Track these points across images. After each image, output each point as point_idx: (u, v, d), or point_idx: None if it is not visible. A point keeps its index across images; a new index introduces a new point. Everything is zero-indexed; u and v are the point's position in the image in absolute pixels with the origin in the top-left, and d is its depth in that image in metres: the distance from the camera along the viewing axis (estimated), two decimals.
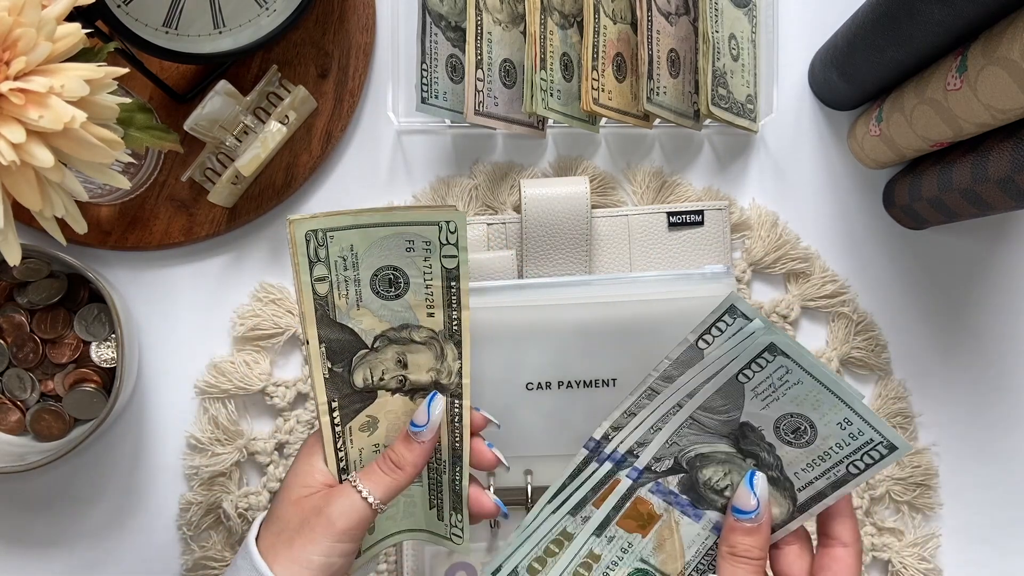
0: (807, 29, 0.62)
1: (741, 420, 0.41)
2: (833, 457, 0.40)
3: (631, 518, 0.44)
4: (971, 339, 0.62)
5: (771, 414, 0.40)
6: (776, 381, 0.40)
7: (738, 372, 0.40)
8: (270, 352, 0.60)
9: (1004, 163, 0.48)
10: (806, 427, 0.40)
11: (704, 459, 0.42)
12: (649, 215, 0.60)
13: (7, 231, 0.42)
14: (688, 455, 0.42)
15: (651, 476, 0.43)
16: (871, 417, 0.39)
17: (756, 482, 0.41)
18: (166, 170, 0.60)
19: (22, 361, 0.58)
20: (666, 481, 0.43)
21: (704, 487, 0.43)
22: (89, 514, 0.60)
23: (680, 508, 0.43)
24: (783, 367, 0.39)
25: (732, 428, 0.41)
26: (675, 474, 0.43)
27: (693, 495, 0.43)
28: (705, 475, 0.43)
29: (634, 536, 0.44)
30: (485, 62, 0.56)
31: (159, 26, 0.53)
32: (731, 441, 0.42)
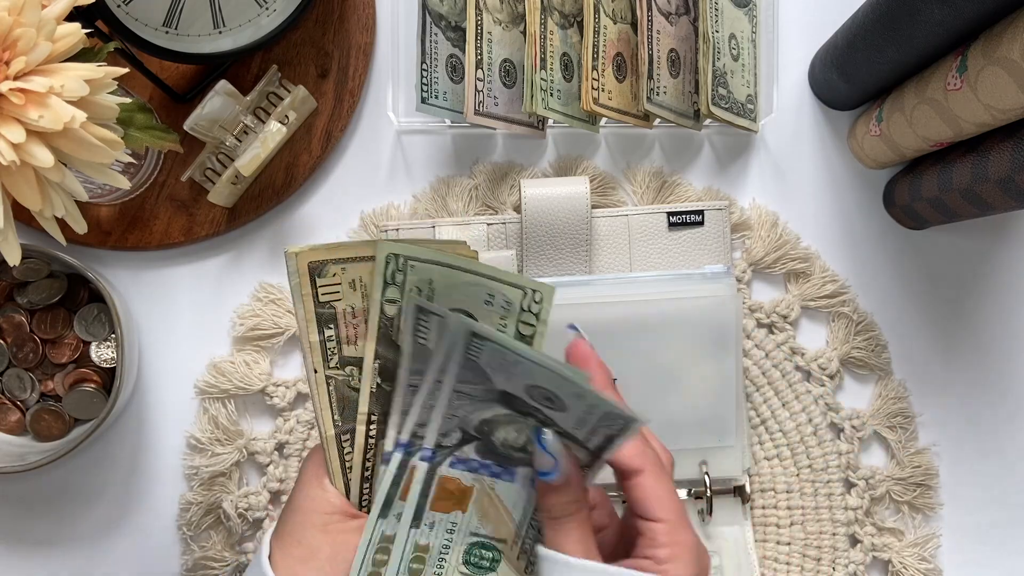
0: (807, 29, 0.62)
1: (498, 389, 0.39)
2: (589, 422, 0.39)
3: (443, 499, 0.42)
4: (971, 339, 0.62)
5: (519, 384, 0.39)
6: (499, 360, 0.38)
7: (464, 353, 0.38)
8: (270, 352, 0.60)
9: (1004, 163, 0.48)
10: (552, 395, 0.38)
11: (489, 423, 0.41)
12: (649, 215, 0.60)
13: (7, 231, 0.42)
14: (473, 423, 0.41)
15: (445, 451, 0.41)
16: (598, 394, 0.37)
17: (545, 439, 0.39)
18: (166, 170, 0.60)
19: (22, 361, 0.58)
20: (463, 452, 0.41)
21: (504, 447, 0.41)
22: (89, 514, 0.60)
23: (489, 472, 0.42)
24: (496, 350, 0.37)
25: (496, 396, 0.40)
26: (469, 443, 0.41)
27: (497, 457, 0.42)
28: (499, 437, 0.41)
29: (454, 514, 0.42)
30: (485, 62, 0.56)
31: (159, 26, 0.53)
32: (503, 405, 0.40)
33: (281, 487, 0.59)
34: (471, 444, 0.42)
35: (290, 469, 0.59)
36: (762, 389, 0.60)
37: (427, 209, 0.61)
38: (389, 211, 0.61)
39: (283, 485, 0.59)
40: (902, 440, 0.61)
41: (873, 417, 0.61)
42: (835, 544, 0.60)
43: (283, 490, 0.59)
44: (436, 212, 0.61)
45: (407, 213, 0.61)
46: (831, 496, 0.60)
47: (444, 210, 0.61)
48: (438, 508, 0.42)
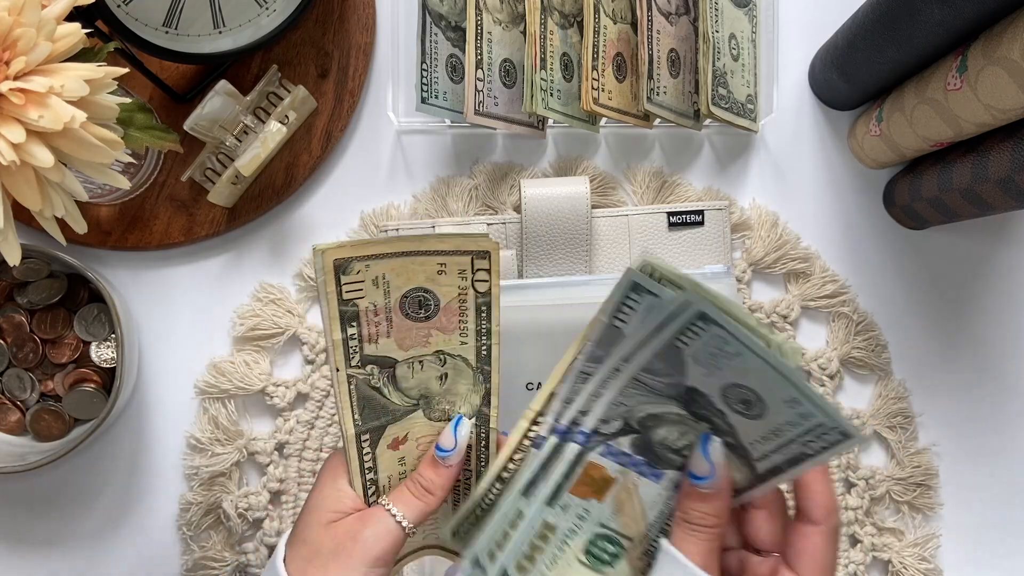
0: (807, 29, 0.62)
1: (687, 384, 0.38)
2: (786, 434, 0.37)
3: (584, 484, 0.41)
4: (971, 339, 0.62)
5: (717, 381, 0.37)
6: (715, 350, 0.36)
7: (672, 338, 0.36)
8: (270, 352, 0.60)
9: (1004, 163, 0.48)
10: (754, 399, 0.37)
11: (656, 419, 0.39)
12: (649, 215, 0.60)
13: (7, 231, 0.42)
14: (638, 415, 0.40)
15: (600, 439, 0.40)
16: (820, 400, 0.35)
17: (710, 447, 0.38)
18: (166, 170, 0.60)
19: (22, 361, 0.58)
20: (617, 443, 0.40)
21: (660, 447, 0.40)
22: (89, 514, 0.60)
23: (637, 469, 0.41)
24: (720, 337, 0.35)
25: (679, 391, 0.38)
26: (626, 435, 0.40)
27: (650, 455, 0.40)
28: (659, 435, 0.40)
29: (590, 502, 0.41)
30: (485, 62, 0.56)
31: (159, 26, 0.53)
32: (681, 404, 0.39)
33: (281, 487, 0.59)
34: (628, 436, 0.40)
35: (290, 469, 0.59)
36: None
37: (427, 209, 0.61)
38: (389, 211, 0.61)
39: (283, 485, 0.59)
40: (902, 440, 0.61)
41: (873, 417, 0.61)
42: None
43: (283, 490, 0.59)
44: (436, 212, 0.61)
45: (407, 213, 0.61)
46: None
47: (444, 210, 0.61)
48: (576, 492, 0.41)
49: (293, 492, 0.59)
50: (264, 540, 0.59)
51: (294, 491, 0.59)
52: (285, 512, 0.59)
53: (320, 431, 0.60)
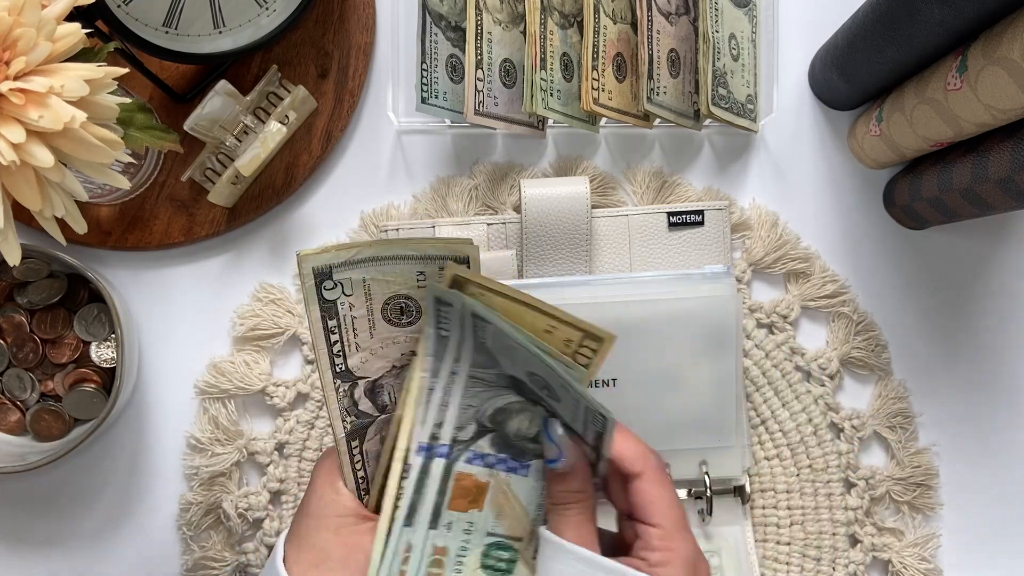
0: (807, 29, 0.62)
1: (507, 373, 0.40)
2: (580, 415, 0.39)
3: (460, 497, 0.41)
4: (971, 339, 0.62)
5: (520, 369, 0.39)
6: (501, 343, 0.38)
7: (473, 334, 0.39)
8: (270, 352, 0.60)
9: (1004, 163, 0.48)
10: (547, 385, 0.39)
11: (503, 412, 0.41)
12: (649, 215, 0.60)
13: (7, 231, 0.42)
14: (487, 413, 0.41)
15: (461, 446, 0.41)
16: (575, 387, 0.37)
17: (551, 429, 0.40)
18: (166, 170, 0.60)
19: (22, 361, 0.58)
20: (478, 446, 0.41)
21: (517, 439, 0.41)
22: (89, 514, 0.60)
23: (504, 467, 0.42)
24: (497, 331, 0.38)
25: (507, 381, 0.40)
26: (483, 436, 0.41)
27: (512, 450, 0.42)
28: (512, 427, 0.41)
29: (471, 513, 0.42)
30: (485, 62, 0.56)
31: (159, 26, 0.53)
32: (515, 391, 0.41)
33: (281, 487, 0.59)
34: (486, 437, 0.41)
35: (290, 469, 0.59)
36: (762, 389, 0.60)
37: (427, 209, 0.61)
38: (389, 211, 0.61)
39: (283, 485, 0.59)
40: (902, 440, 0.61)
41: (873, 417, 0.61)
42: (835, 544, 0.60)
43: (283, 490, 0.59)
44: (436, 212, 0.61)
45: (407, 213, 0.61)
46: (831, 496, 0.60)
47: (444, 210, 0.61)
48: (455, 507, 0.41)
49: (293, 492, 0.59)
50: (264, 540, 0.59)
51: (294, 491, 0.59)
52: (285, 512, 0.59)
53: (320, 431, 0.60)
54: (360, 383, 0.42)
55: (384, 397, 0.43)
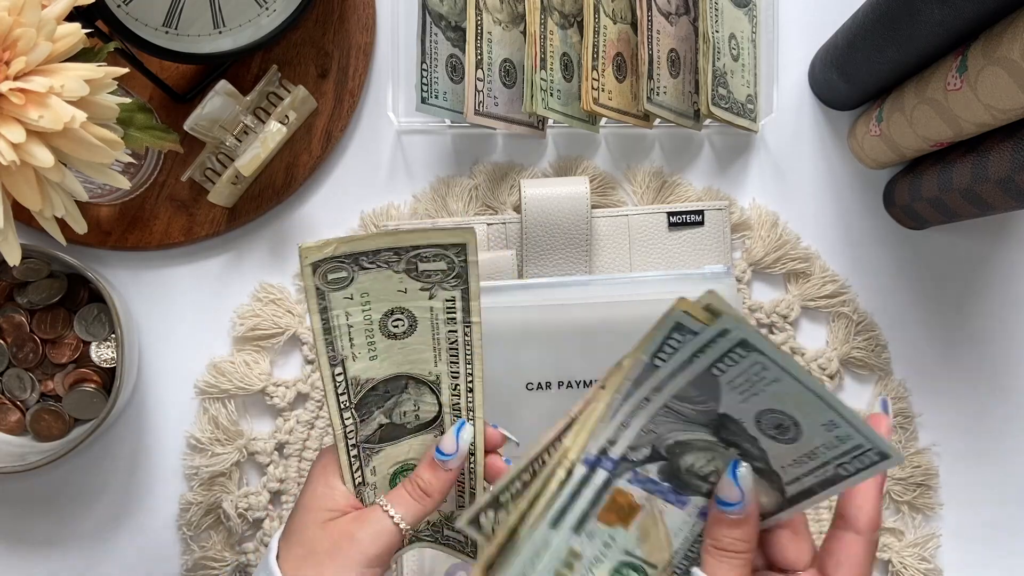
0: (807, 29, 0.62)
1: (720, 411, 0.38)
2: (821, 457, 0.37)
3: (611, 511, 0.41)
4: (971, 339, 0.62)
5: (751, 408, 0.37)
6: (753, 376, 0.36)
7: (710, 365, 0.37)
8: (270, 352, 0.60)
9: (1004, 163, 0.48)
10: (789, 424, 0.37)
11: (684, 446, 0.40)
12: (649, 215, 0.60)
13: (7, 231, 0.42)
14: (666, 443, 0.40)
15: (628, 465, 0.40)
16: (859, 424, 0.36)
17: (739, 472, 0.39)
18: (166, 170, 0.60)
19: (22, 361, 0.58)
20: (644, 470, 0.40)
21: (687, 473, 0.40)
22: (89, 514, 0.60)
23: (663, 496, 0.41)
24: (759, 363, 0.35)
25: (711, 418, 0.38)
26: (653, 462, 0.40)
27: (676, 482, 0.40)
28: (687, 461, 0.40)
29: (616, 529, 0.41)
30: (485, 62, 0.56)
31: (159, 26, 0.53)
32: (711, 430, 0.39)
33: (281, 487, 0.59)
34: (656, 463, 0.40)
35: (290, 469, 0.59)
36: None
37: (427, 209, 0.61)
38: (389, 211, 0.61)
39: (283, 485, 0.59)
40: (902, 440, 0.61)
41: None
42: None
43: (283, 490, 0.59)
44: (436, 212, 0.61)
45: (407, 213, 0.61)
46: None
47: (444, 210, 0.61)
48: (603, 519, 0.41)
49: (293, 492, 0.59)
50: (264, 540, 0.59)
51: (294, 491, 0.59)
52: (285, 512, 0.59)
53: (320, 431, 0.60)
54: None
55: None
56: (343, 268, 0.40)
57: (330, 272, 0.39)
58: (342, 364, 0.42)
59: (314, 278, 0.39)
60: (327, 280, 0.40)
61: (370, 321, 0.41)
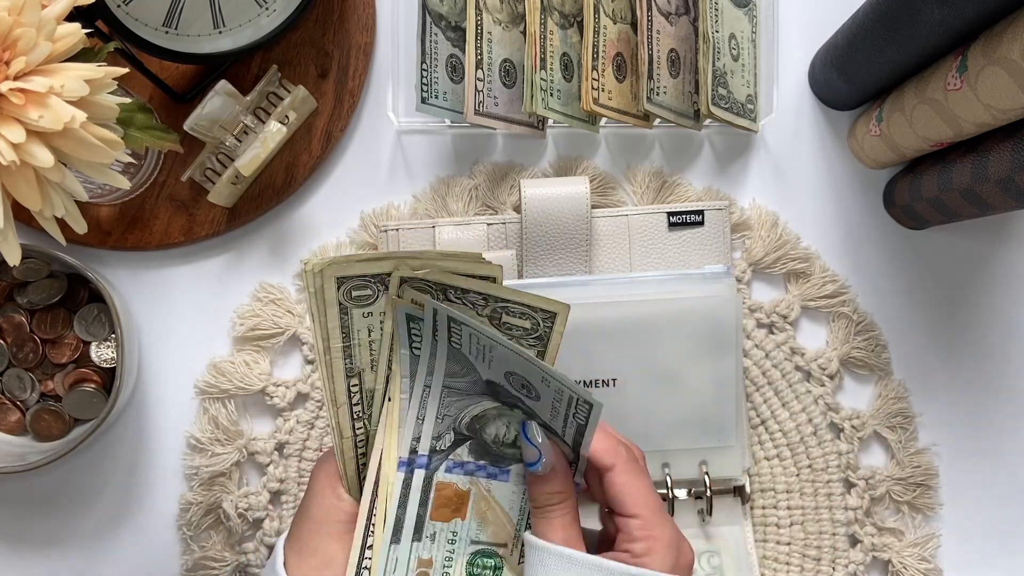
0: (807, 29, 0.62)
1: (484, 379, 0.40)
2: (560, 411, 0.39)
3: (441, 507, 0.41)
4: (971, 339, 0.62)
5: (498, 371, 0.39)
6: (478, 345, 0.38)
7: (448, 341, 0.39)
8: (270, 352, 0.60)
9: (1004, 163, 0.48)
10: (526, 383, 0.39)
11: (480, 419, 0.41)
12: (649, 215, 0.60)
13: (7, 231, 0.42)
14: (464, 421, 0.41)
15: (440, 456, 0.41)
16: (558, 375, 0.37)
17: (530, 431, 0.40)
18: (166, 170, 0.60)
19: (22, 361, 0.58)
20: (456, 455, 0.41)
21: (495, 445, 0.41)
22: (89, 514, 0.60)
23: (484, 474, 0.42)
24: (472, 335, 0.38)
25: (483, 387, 0.40)
26: (462, 444, 0.41)
27: (490, 457, 0.42)
28: (490, 434, 0.41)
29: (454, 523, 0.41)
30: (485, 62, 0.56)
31: (159, 26, 0.53)
32: (491, 397, 0.41)
33: (281, 487, 0.59)
34: (464, 445, 0.41)
35: (290, 469, 0.59)
36: (762, 389, 0.60)
37: (427, 209, 0.61)
38: (389, 211, 0.61)
39: (283, 485, 0.59)
40: (902, 440, 0.61)
41: (873, 417, 0.61)
42: (835, 544, 0.60)
43: (283, 490, 0.59)
44: (436, 212, 0.61)
45: (407, 213, 0.61)
46: (831, 496, 0.60)
47: (444, 210, 0.61)
48: (437, 517, 0.41)
49: (293, 492, 0.59)
50: (264, 540, 0.59)
51: (294, 491, 0.59)
52: (285, 512, 0.59)
53: (320, 431, 0.60)
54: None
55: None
56: (369, 287, 0.40)
57: (355, 289, 0.39)
58: (359, 375, 0.41)
59: (338, 293, 0.39)
60: (351, 297, 0.39)
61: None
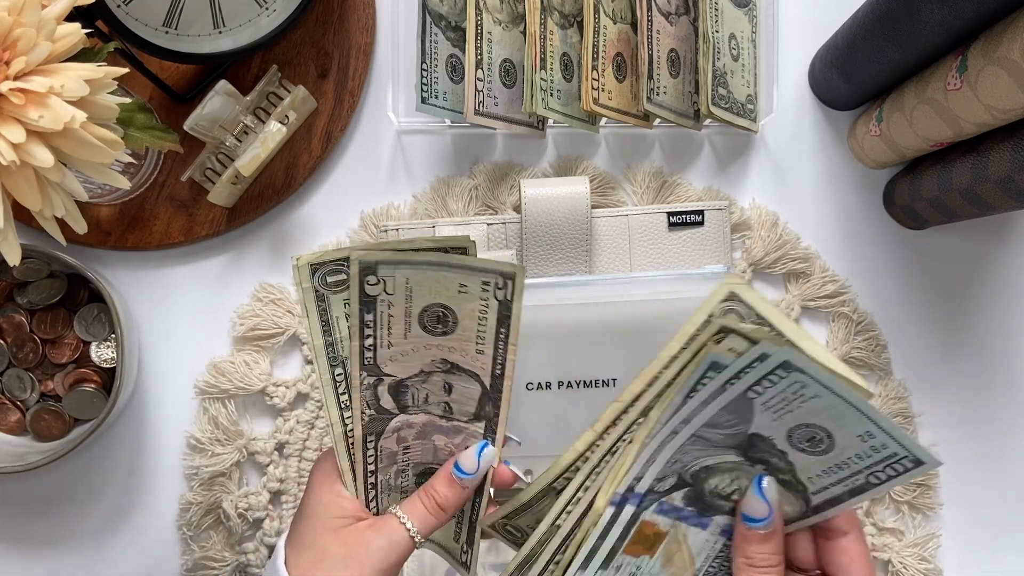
0: (807, 29, 0.62)
1: (750, 432, 0.38)
2: (852, 466, 0.37)
3: (637, 543, 0.40)
4: (971, 339, 0.62)
5: (784, 424, 0.37)
6: (790, 395, 0.36)
7: (746, 390, 0.36)
8: (270, 352, 0.60)
9: (1004, 163, 0.48)
10: (823, 437, 0.37)
11: (709, 471, 0.39)
12: (649, 215, 0.60)
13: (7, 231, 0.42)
14: (692, 469, 0.39)
15: (654, 497, 0.40)
16: (898, 433, 0.35)
17: (765, 487, 0.38)
18: (166, 170, 0.60)
19: (22, 361, 0.58)
20: (670, 499, 0.40)
21: (711, 495, 0.40)
22: (89, 514, 0.60)
23: (686, 520, 0.41)
24: (798, 382, 0.35)
25: (740, 440, 0.38)
26: (679, 490, 0.40)
27: (699, 505, 0.40)
28: (711, 484, 0.40)
29: (641, 559, 0.41)
30: (485, 62, 0.56)
31: (159, 26, 0.53)
32: (739, 452, 0.39)
33: (281, 487, 0.59)
34: (681, 491, 0.40)
35: (290, 469, 0.59)
36: None
37: (427, 209, 0.61)
38: (389, 211, 0.61)
39: (283, 485, 0.59)
40: None
41: None
42: None
43: (283, 490, 0.59)
44: (436, 212, 0.61)
45: (407, 213, 0.61)
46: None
47: (444, 210, 0.61)
48: (630, 551, 0.40)
49: (293, 492, 0.59)
50: (264, 540, 0.59)
51: (294, 491, 0.59)
52: (285, 512, 0.59)
53: (320, 431, 0.60)
54: (385, 380, 0.42)
55: (407, 398, 0.43)
56: (343, 271, 0.40)
57: (329, 275, 0.39)
58: (343, 364, 0.42)
59: (312, 280, 0.39)
60: (326, 283, 0.40)
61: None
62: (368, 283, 0.39)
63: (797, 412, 0.36)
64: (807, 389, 0.35)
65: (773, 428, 0.37)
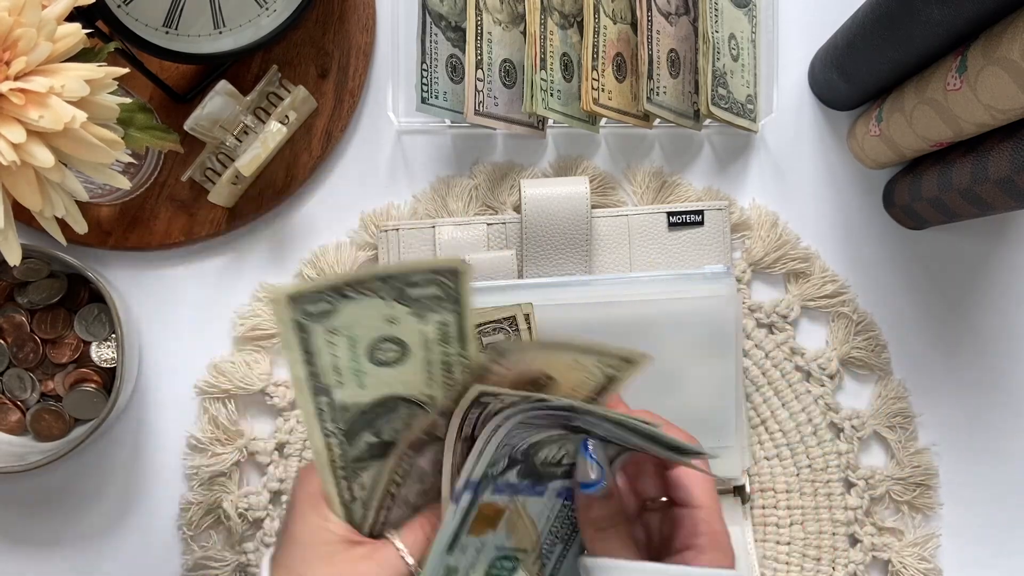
0: (807, 29, 0.63)
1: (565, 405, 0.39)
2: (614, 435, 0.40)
3: (479, 523, 0.41)
4: (971, 339, 0.62)
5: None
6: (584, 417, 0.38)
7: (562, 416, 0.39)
8: (270, 352, 0.60)
9: (1004, 163, 0.48)
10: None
11: (537, 445, 0.41)
12: (649, 215, 0.60)
13: (7, 231, 0.42)
14: (522, 448, 0.40)
15: (489, 480, 0.40)
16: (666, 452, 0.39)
17: (591, 450, 0.40)
18: (166, 170, 0.60)
19: (22, 361, 0.58)
20: (505, 477, 0.41)
21: (542, 466, 0.41)
22: (89, 514, 0.60)
23: (523, 493, 0.42)
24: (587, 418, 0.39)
25: (560, 417, 0.40)
26: (512, 468, 0.41)
27: (533, 478, 0.41)
28: (541, 456, 0.41)
29: (485, 535, 0.41)
30: (485, 62, 0.56)
31: (159, 26, 0.53)
32: (562, 427, 0.40)
33: (281, 487, 0.59)
34: (514, 468, 0.41)
35: (290, 469, 0.59)
36: (762, 389, 0.60)
37: (427, 209, 0.61)
38: (389, 211, 0.61)
39: (283, 485, 0.59)
40: (902, 440, 0.61)
41: (873, 417, 0.61)
42: (835, 544, 0.60)
43: (283, 490, 0.59)
44: (436, 212, 0.61)
45: (407, 213, 0.61)
46: (831, 496, 0.60)
47: (444, 210, 0.61)
48: (473, 532, 0.41)
49: None
50: (264, 540, 0.59)
51: None
52: (285, 512, 0.59)
53: None
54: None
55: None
56: (323, 300, 0.38)
57: (309, 304, 0.38)
58: (327, 392, 0.40)
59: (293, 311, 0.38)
60: (308, 313, 0.38)
61: (355, 350, 0.39)
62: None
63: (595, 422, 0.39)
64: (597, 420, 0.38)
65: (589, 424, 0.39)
